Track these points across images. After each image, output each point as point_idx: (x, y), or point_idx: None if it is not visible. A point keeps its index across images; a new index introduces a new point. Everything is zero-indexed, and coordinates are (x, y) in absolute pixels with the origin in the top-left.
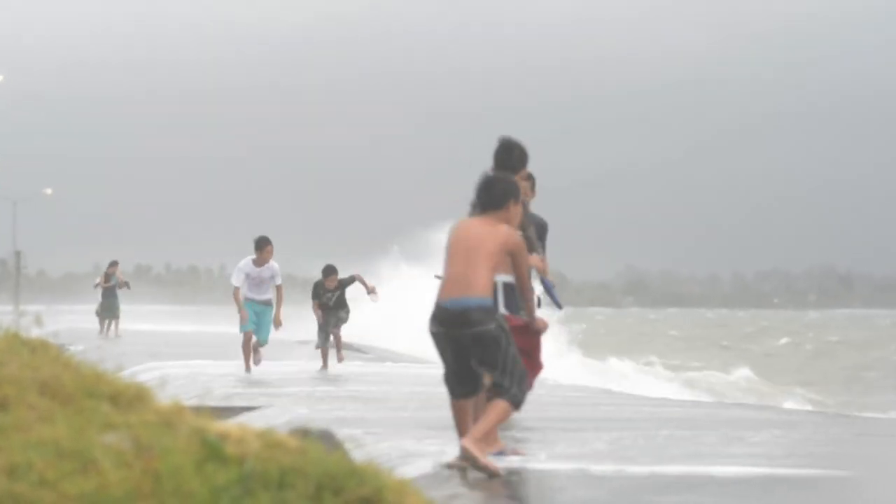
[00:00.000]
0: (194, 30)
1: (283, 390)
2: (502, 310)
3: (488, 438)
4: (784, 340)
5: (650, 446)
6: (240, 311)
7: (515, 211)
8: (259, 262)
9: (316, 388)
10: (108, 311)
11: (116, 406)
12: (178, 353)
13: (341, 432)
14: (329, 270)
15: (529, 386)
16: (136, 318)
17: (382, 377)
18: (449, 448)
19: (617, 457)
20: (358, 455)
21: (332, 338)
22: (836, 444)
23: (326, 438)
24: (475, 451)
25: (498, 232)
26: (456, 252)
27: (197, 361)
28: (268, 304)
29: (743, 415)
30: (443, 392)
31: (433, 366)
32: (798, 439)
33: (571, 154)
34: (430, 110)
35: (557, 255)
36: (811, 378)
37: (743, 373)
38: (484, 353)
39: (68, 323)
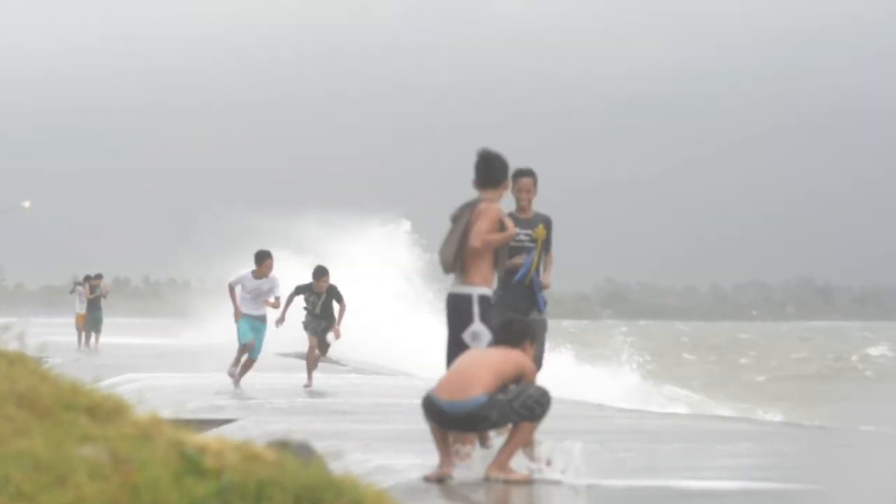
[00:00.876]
0: (176, 42)
1: (261, 402)
2: (477, 323)
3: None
4: (752, 353)
5: (625, 459)
6: (234, 307)
7: (530, 351)
8: (258, 275)
9: (294, 400)
10: (91, 323)
11: (94, 419)
12: (156, 366)
13: (319, 445)
14: (321, 271)
15: (546, 396)
16: (115, 330)
17: (360, 389)
18: (426, 460)
19: (594, 469)
20: (336, 467)
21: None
22: (808, 456)
23: (304, 451)
24: (501, 475)
25: (512, 353)
26: (466, 356)
27: (175, 374)
28: (262, 320)
29: (721, 427)
30: (419, 404)
31: (410, 377)
32: (781, 452)
33: (552, 167)
34: (409, 123)
35: None
36: (753, 390)
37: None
38: (499, 427)
39: (46, 336)
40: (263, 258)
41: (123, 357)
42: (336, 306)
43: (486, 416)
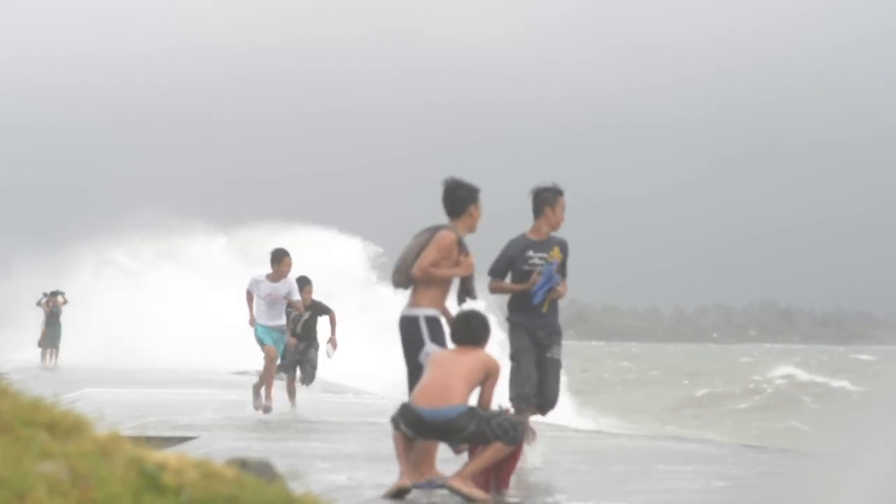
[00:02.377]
0: (118, 57)
1: (223, 420)
2: (429, 344)
3: (424, 467)
4: (686, 382)
5: (583, 480)
6: (249, 314)
7: (487, 343)
8: (275, 277)
9: (255, 418)
10: (49, 339)
11: (54, 435)
12: (118, 382)
13: (280, 463)
14: (303, 281)
15: (523, 425)
16: (77, 347)
17: (321, 408)
18: (387, 479)
19: (557, 490)
20: (295, 486)
21: (297, 369)
22: (765, 478)
23: (264, 469)
24: (463, 488)
25: (479, 353)
26: (437, 364)
27: (137, 390)
28: (281, 331)
29: (678, 448)
30: (381, 423)
31: (372, 396)
32: (734, 474)
33: (513, 189)
34: (370, 148)
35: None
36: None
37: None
38: (473, 441)
39: (7, 352)
40: (282, 256)
41: (85, 372)
42: (319, 322)
43: (464, 426)
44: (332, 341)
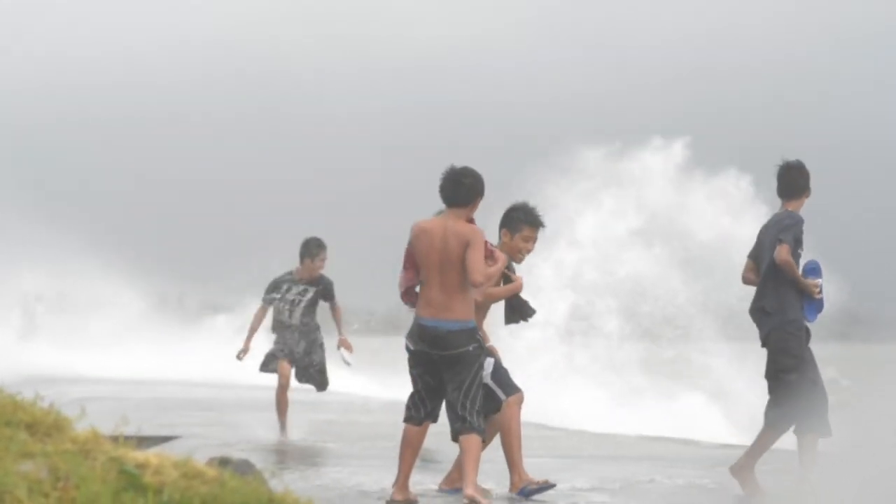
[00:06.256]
0: (107, 57)
1: (204, 419)
2: None
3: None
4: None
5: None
6: None
7: (475, 203)
8: None
9: (236, 416)
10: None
11: (34, 435)
12: (99, 380)
13: (261, 462)
14: (313, 244)
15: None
16: (59, 346)
17: (303, 405)
18: (369, 478)
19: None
20: (276, 485)
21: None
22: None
23: (245, 468)
24: (479, 497)
25: (461, 236)
26: (429, 266)
27: (118, 387)
28: None
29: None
30: (364, 421)
31: (354, 396)
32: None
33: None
34: (363, 149)
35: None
36: None
37: None
38: (455, 371)
39: None
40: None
41: (66, 371)
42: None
43: (463, 341)
44: (345, 342)
